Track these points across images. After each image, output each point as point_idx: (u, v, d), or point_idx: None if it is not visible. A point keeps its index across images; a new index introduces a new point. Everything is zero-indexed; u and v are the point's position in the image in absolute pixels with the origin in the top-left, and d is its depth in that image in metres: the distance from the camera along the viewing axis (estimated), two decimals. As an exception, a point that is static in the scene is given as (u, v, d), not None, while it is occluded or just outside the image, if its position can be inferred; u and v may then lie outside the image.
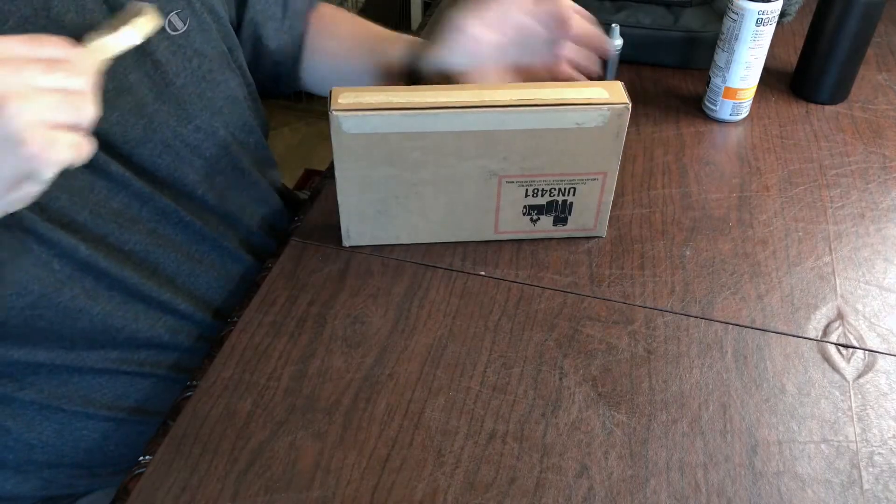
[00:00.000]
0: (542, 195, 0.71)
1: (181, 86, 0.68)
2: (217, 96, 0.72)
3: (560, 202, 0.71)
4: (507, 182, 0.69)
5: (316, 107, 2.42)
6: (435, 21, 0.74)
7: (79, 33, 0.53)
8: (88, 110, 0.47)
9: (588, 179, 0.70)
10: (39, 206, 0.57)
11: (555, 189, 0.70)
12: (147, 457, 0.57)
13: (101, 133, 0.61)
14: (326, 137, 0.66)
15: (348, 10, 2.14)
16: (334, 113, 0.63)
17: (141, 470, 0.56)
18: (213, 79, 0.71)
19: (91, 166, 0.60)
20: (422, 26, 1.18)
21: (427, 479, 0.56)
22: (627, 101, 0.65)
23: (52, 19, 0.56)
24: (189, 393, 0.61)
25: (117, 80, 0.62)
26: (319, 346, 0.65)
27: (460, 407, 0.60)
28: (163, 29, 0.65)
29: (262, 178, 0.80)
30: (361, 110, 0.63)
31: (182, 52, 0.68)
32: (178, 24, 0.67)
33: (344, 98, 0.65)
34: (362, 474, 0.56)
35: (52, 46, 0.47)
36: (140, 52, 0.63)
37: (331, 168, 0.88)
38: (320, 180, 0.85)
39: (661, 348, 0.65)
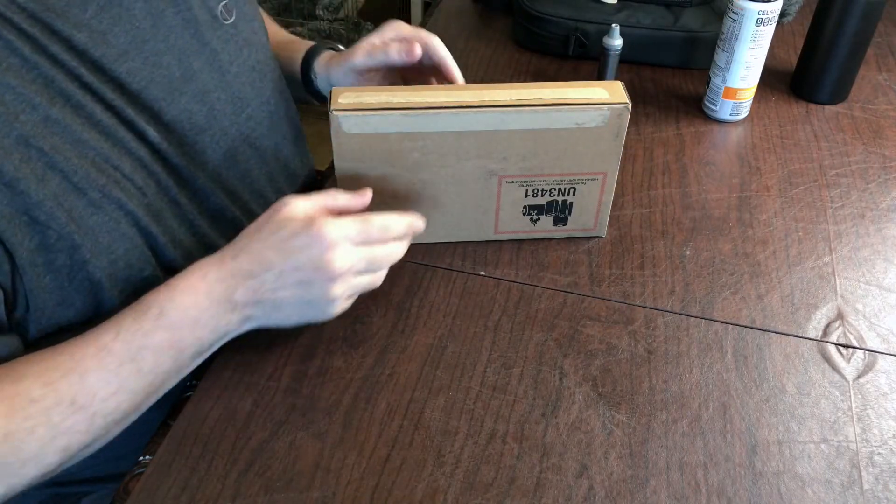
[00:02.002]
0: (542, 195, 0.71)
1: (235, 74, 0.69)
2: (266, 86, 0.74)
3: (560, 202, 0.71)
4: (507, 182, 0.69)
5: (316, 107, 2.41)
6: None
7: (145, 20, 0.60)
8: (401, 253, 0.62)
9: (588, 179, 0.70)
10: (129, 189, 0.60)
11: (555, 189, 0.70)
12: (147, 457, 0.57)
13: (169, 122, 0.62)
14: (326, 137, 0.66)
15: (348, 10, 2.15)
16: (334, 113, 0.63)
17: (141, 470, 0.56)
18: (261, 69, 0.73)
19: (165, 161, 0.62)
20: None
21: (427, 479, 0.56)
22: (627, 101, 0.65)
23: (124, 7, 0.59)
24: (189, 393, 0.61)
25: (184, 66, 0.63)
26: (319, 346, 0.65)
27: (460, 407, 0.60)
28: (216, 18, 0.67)
29: (301, 167, 0.83)
30: (361, 110, 0.63)
31: (234, 41, 0.69)
32: (227, 14, 0.69)
33: (344, 98, 0.65)
34: (362, 474, 0.56)
35: (398, 226, 0.60)
36: (200, 41, 0.65)
37: (331, 168, 0.88)
38: (321, 180, 0.85)
39: (661, 348, 0.65)
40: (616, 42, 0.90)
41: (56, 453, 0.51)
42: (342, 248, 0.56)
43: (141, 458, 0.57)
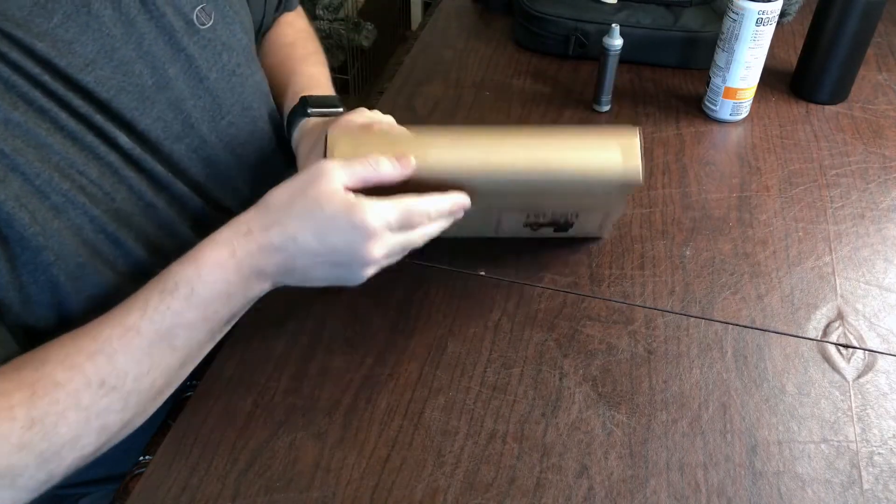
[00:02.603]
0: (545, 217, 0.70)
1: (214, 80, 0.68)
2: (246, 90, 0.72)
3: (562, 222, 0.71)
4: (508, 213, 0.68)
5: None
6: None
7: (115, 28, 0.59)
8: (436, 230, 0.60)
9: (593, 210, 0.69)
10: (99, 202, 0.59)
11: (557, 214, 0.69)
12: (147, 457, 0.57)
13: (143, 130, 0.62)
14: None
15: (348, 10, 2.15)
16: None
17: (141, 470, 0.56)
18: (241, 73, 0.71)
19: (138, 166, 0.61)
20: (422, 26, 1.18)
21: (427, 479, 0.56)
22: (640, 177, 0.58)
23: (92, 15, 0.58)
24: (189, 393, 0.61)
25: (157, 74, 0.63)
26: (319, 346, 0.65)
27: (460, 407, 0.60)
28: (192, 23, 0.65)
29: (287, 170, 0.80)
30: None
31: (211, 46, 0.67)
32: (205, 18, 0.67)
33: (340, 150, 0.59)
34: (362, 474, 0.56)
35: (441, 207, 0.58)
36: (175, 48, 0.64)
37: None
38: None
39: (661, 348, 0.65)
40: (616, 42, 0.90)
41: (93, 434, 0.51)
42: (382, 237, 0.55)
43: (141, 458, 0.57)
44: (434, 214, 0.58)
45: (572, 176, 0.59)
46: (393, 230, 0.56)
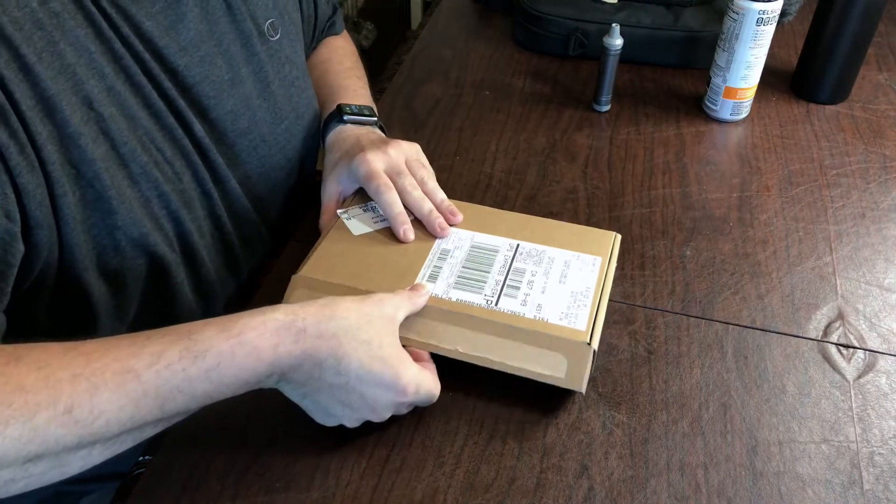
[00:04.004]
0: None
1: (276, 87, 0.72)
2: (301, 103, 0.77)
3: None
4: None
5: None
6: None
7: (202, 24, 0.63)
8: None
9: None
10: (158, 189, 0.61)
11: None
12: (147, 457, 0.57)
13: (215, 119, 0.66)
14: None
15: (348, 10, 2.14)
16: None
17: (141, 470, 0.56)
18: (298, 85, 0.76)
19: (205, 155, 0.65)
20: (422, 26, 1.18)
21: (427, 479, 0.56)
22: (582, 389, 0.58)
23: (183, 9, 0.62)
24: (189, 393, 0.61)
25: (233, 70, 0.67)
26: (319, 346, 0.65)
27: (460, 407, 0.60)
28: (263, 33, 0.71)
29: (313, 179, 0.84)
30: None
31: (277, 57, 0.72)
32: (273, 31, 0.72)
33: (296, 297, 0.61)
34: (362, 474, 0.56)
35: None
36: (249, 51, 0.69)
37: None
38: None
39: (662, 348, 0.65)
40: (616, 42, 0.90)
41: (21, 462, 0.43)
42: (401, 408, 0.56)
43: (141, 457, 0.57)
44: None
45: (525, 373, 0.59)
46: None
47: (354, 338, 0.51)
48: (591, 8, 1.03)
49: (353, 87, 0.85)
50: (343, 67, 0.89)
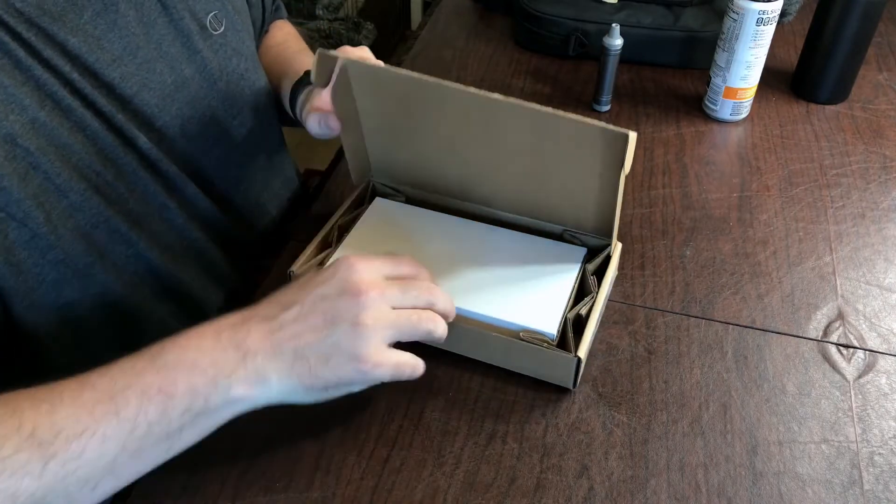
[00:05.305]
0: None
1: (225, 83, 0.70)
2: (253, 95, 0.75)
3: None
4: None
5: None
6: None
7: (138, 28, 0.61)
8: (441, 329, 0.53)
9: None
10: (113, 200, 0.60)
11: None
12: (147, 457, 0.57)
13: (161, 127, 0.63)
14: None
15: (348, 10, 2.14)
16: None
17: (141, 470, 0.56)
18: (248, 77, 0.74)
19: (154, 168, 0.63)
20: (422, 26, 1.18)
21: (427, 479, 0.56)
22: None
23: (120, 14, 0.60)
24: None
25: (175, 74, 0.65)
26: (319, 346, 0.65)
27: (460, 407, 0.60)
28: (205, 28, 0.68)
29: (291, 171, 0.84)
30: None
31: (223, 51, 0.70)
32: (216, 24, 0.70)
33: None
34: (362, 474, 0.56)
35: (406, 266, 0.54)
36: (191, 50, 0.66)
37: (331, 167, 0.88)
38: (320, 179, 0.85)
39: (662, 348, 0.65)
40: (616, 42, 0.89)
41: None
42: (371, 274, 0.51)
43: (141, 458, 0.57)
44: (429, 286, 0.54)
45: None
46: (385, 278, 0.52)
47: (286, 289, 0.52)
48: (591, 8, 1.02)
49: (309, 65, 0.83)
50: (300, 47, 0.87)
